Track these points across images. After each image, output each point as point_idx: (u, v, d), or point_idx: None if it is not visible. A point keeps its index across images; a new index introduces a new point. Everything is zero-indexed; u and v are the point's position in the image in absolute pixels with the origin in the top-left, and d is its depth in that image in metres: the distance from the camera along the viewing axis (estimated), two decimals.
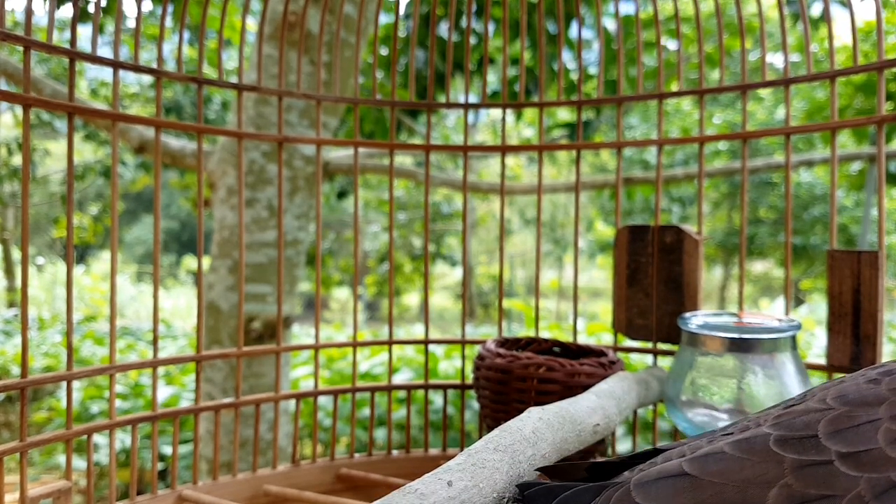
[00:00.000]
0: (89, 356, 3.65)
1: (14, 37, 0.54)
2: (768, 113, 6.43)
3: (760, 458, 0.31)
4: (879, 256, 0.60)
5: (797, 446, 0.31)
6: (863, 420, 0.30)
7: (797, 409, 0.33)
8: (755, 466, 0.30)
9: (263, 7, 0.76)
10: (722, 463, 0.31)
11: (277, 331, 0.72)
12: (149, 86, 4.54)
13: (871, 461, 0.28)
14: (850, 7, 0.66)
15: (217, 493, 0.66)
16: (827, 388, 0.34)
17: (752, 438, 0.32)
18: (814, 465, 0.29)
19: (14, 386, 0.54)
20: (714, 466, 0.31)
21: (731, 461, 0.31)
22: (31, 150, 0.56)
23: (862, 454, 0.29)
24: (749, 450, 0.31)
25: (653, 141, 0.75)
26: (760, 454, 0.31)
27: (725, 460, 0.31)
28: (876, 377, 0.33)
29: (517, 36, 2.31)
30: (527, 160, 7.25)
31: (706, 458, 0.32)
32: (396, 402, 2.39)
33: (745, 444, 0.32)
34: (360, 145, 0.76)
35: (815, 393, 0.35)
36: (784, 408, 0.35)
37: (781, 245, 6.72)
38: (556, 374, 0.62)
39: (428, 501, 0.32)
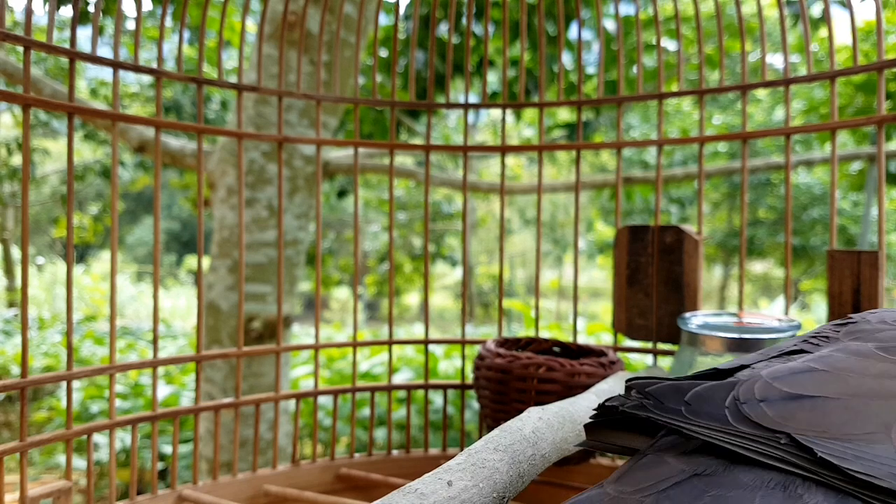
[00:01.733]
0: (89, 356, 3.65)
1: (14, 37, 0.54)
2: (766, 114, 6.43)
3: (876, 360, 0.32)
4: (879, 256, 0.60)
5: None
6: None
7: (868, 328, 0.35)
8: (876, 364, 0.32)
9: (263, 7, 0.76)
10: (846, 363, 0.32)
11: (277, 330, 0.72)
12: (148, 85, 4.54)
13: None
14: (849, 7, 0.66)
15: (217, 493, 0.66)
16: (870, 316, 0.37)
17: (852, 347, 0.33)
18: None
19: (14, 386, 0.54)
20: (841, 364, 0.32)
21: (854, 360, 0.32)
22: (30, 150, 0.56)
23: None
24: (860, 353, 0.33)
25: (653, 141, 0.75)
26: (873, 357, 0.32)
27: (849, 360, 0.32)
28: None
29: (517, 37, 2.31)
30: (527, 160, 7.25)
31: (828, 359, 0.33)
32: (396, 401, 2.39)
33: (853, 350, 0.33)
34: (360, 145, 0.76)
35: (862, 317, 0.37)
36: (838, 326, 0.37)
37: (781, 245, 6.72)
38: (556, 373, 0.62)
39: (428, 501, 0.32)
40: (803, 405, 0.30)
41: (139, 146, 2.16)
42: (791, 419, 0.30)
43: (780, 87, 0.69)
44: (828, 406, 0.30)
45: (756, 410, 0.31)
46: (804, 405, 0.30)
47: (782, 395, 0.31)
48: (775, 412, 0.30)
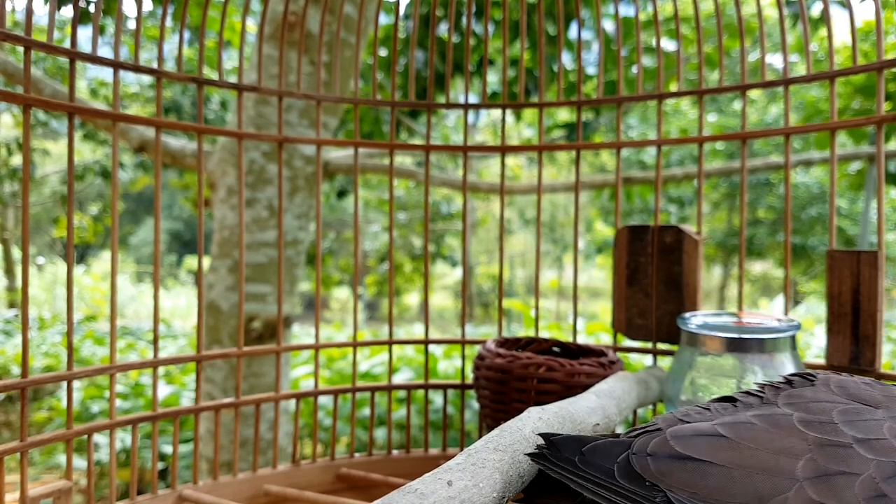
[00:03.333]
0: (89, 356, 3.65)
1: (14, 37, 0.54)
2: (760, 113, 6.42)
3: (787, 433, 0.34)
4: (879, 256, 0.60)
5: (819, 428, 0.34)
6: (868, 417, 0.35)
7: (807, 394, 0.37)
8: (784, 439, 0.34)
9: (263, 7, 0.76)
10: (753, 431, 0.34)
11: (277, 330, 0.72)
12: (149, 86, 4.54)
13: (882, 448, 0.33)
14: (849, 7, 0.66)
15: (217, 493, 0.66)
16: (827, 378, 0.38)
17: (775, 415, 0.35)
18: (834, 445, 0.33)
19: (14, 386, 0.54)
20: (747, 433, 0.34)
21: (763, 431, 0.34)
22: (30, 150, 0.56)
23: (873, 441, 0.33)
24: (776, 424, 0.35)
25: (652, 141, 0.75)
26: (787, 430, 0.34)
27: (756, 430, 0.34)
28: (870, 381, 0.38)
29: (517, 37, 2.31)
30: (526, 160, 7.25)
31: (737, 426, 0.35)
32: (396, 401, 2.39)
33: (771, 419, 0.35)
34: (360, 145, 0.76)
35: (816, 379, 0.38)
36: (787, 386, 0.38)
37: (780, 245, 6.72)
38: (556, 373, 0.62)
39: (428, 501, 0.32)
40: (686, 466, 0.33)
41: (139, 146, 2.16)
42: (669, 476, 0.33)
43: (779, 87, 0.69)
44: (709, 471, 0.32)
45: (642, 462, 0.33)
46: (686, 466, 0.33)
47: (671, 453, 0.33)
48: (657, 467, 0.33)
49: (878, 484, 0.31)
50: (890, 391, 0.37)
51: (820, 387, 0.37)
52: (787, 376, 0.40)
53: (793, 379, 0.39)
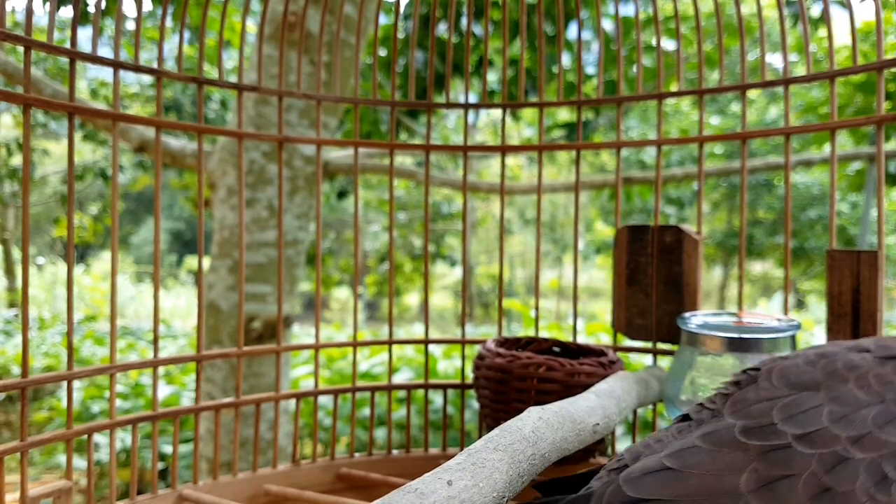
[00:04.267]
0: (89, 356, 3.65)
1: (15, 37, 0.54)
2: (760, 114, 6.42)
3: (730, 447, 0.35)
4: (879, 256, 0.60)
5: (759, 434, 0.35)
6: (808, 406, 0.35)
7: (750, 396, 0.37)
8: (726, 456, 0.34)
9: (263, 7, 0.76)
10: (697, 456, 0.35)
11: (278, 330, 0.72)
12: (149, 85, 4.54)
13: (821, 439, 0.33)
14: (849, 7, 0.66)
15: (217, 493, 0.66)
16: (771, 368, 0.39)
17: (718, 431, 0.36)
18: (774, 449, 0.33)
19: (15, 386, 0.54)
20: (691, 459, 0.35)
21: (705, 453, 0.35)
22: (30, 150, 0.56)
23: (813, 434, 0.33)
24: (718, 441, 0.35)
25: (652, 141, 0.75)
26: (729, 444, 0.35)
27: (700, 453, 0.35)
28: (813, 358, 0.38)
29: (516, 37, 2.31)
30: (526, 160, 7.25)
31: (682, 453, 0.36)
32: (396, 401, 2.39)
33: (714, 437, 0.36)
34: (361, 145, 0.76)
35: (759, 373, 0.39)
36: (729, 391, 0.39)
37: (779, 246, 6.72)
38: (556, 373, 0.62)
39: (428, 500, 0.32)
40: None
41: (139, 146, 2.16)
42: None
43: (779, 87, 0.69)
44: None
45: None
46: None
47: (624, 499, 0.35)
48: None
49: (820, 479, 0.31)
50: (832, 364, 0.37)
51: (762, 382, 0.38)
52: (736, 376, 0.40)
53: (740, 379, 0.40)
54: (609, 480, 0.37)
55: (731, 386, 0.40)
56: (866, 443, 0.32)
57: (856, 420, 0.33)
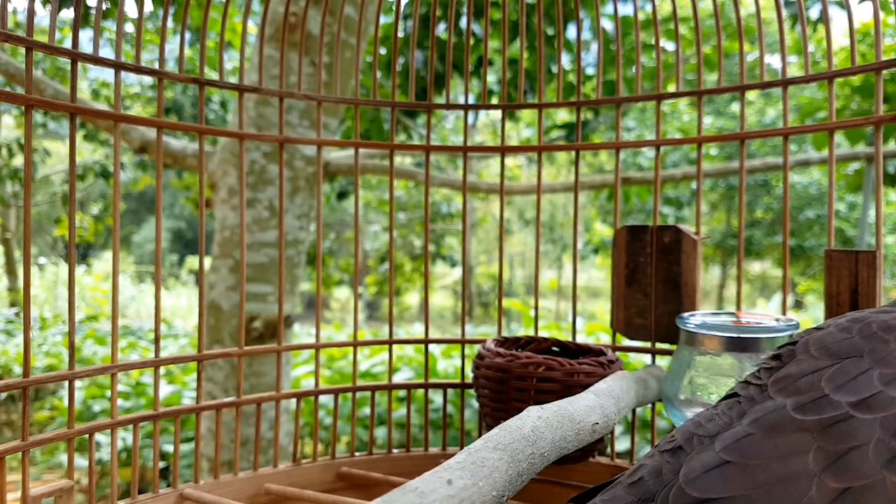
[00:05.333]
0: (91, 356, 3.66)
1: (16, 38, 0.54)
2: (758, 115, 6.43)
3: (787, 429, 0.33)
4: (877, 256, 0.61)
5: (813, 409, 0.33)
6: (856, 372, 0.34)
7: (793, 372, 0.36)
8: (786, 439, 0.33)
9: (264, 8, 0.77)
10: (756, 444, 0.34)
11: (278, 330, 0.73)
12: (150, 86, 4.55)
13: (878, 403, 0.32)
14: (847, 8, 0.66)
15: (218, 492, 0.66)
16: (807, 341, 0.38)
17: (768, 414, 0.34)
18: (834, 422, 0.32)
19: (16, 385, 0.54)
20: (750, 449, 0.33)
21: (763, 440, 0.34)
22: (32, 150, 0.56)
23: (869, 399, 0.32)
24: (772, 425, 0.34)
25: (651, 142, 0.75)
26: (785, 426, 0.33)
27: (758, 441, 0.34)
28: (846, 324, 0.37)
29: (516, 37, 2.31)
30: (526, 161, 7.25)
31: (739, 444, 0.34)
32: (396, 401, 2.40)
33: (767, 421, 0.34)
34: (361, 146, 0.77)
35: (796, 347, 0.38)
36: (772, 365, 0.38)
37: (777, 246, 6.72)
38: (555, 373, 0.62)
39: (428, 499, 0.33)
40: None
41: (141, 147, 2.17)
42: None
43: (777, 87, 0.70)
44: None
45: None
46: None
47: (691, 500, 0.33)
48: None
49: (889, 444, 0.31)
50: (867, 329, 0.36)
51: (802, 356, 0.37)
52: (775, 352, 0.40)
53: (781, 353, 0.39)
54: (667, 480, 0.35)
55: (772, 360, 0.39)
56: None
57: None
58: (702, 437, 0.37)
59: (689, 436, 0.37)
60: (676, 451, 0.36)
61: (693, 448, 0.36)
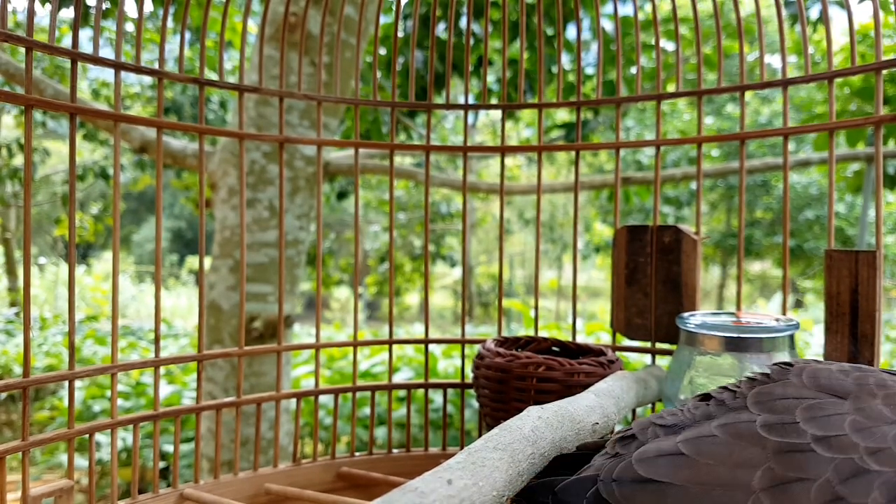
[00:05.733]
0: (91, 356, 3.65)
1: (16, 38, 0.54)
2: (753, 115, 6.43)
3: (748, 442, 0.34)
4: (877, 256, 0.61)
5: (779, 431, 0.34)
6: (833, 411, 0.35)
7: (776, 391, 0.37)
8: (744, 450, 0.34)
9: (264, 8, 0.77)
10: (714, 446, 0.35)
11: (278, 330, 0.73)
12: (149, 86, 4.55)
13: (840, 446, 0.33)
14: (847, 8, 0.66)
15: (218, 492, 0.66)
16: (803, 368, 0.38)
17: (737, 424, 0.36)
18: (793, 449, 0.33)
19: (16, 385, 0.54)
20: (707, 448, 0.35)
21: (722, 445, 0.35)
22: (31, 150, 0.56)
23: (832, 439, 0.33)
24: (737, 434, 0.35)
25: (651, 142, 0.75)
26: (748, 438, 0.35)
27: (717, 444, 0.35)
28: (848, 369, 0.38)
29: (516, 37, 2.31)
30: (525, 161, 7.25)
31: (700, 441, 0.36)
32: (397, 401, 2.40)
33: (734, 430, 0.35)
34: (361, 146, 0.77)
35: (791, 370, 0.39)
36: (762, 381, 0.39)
37: (777, 246, 6.72)
38: (556, 373, 0.62)
39: (428, 500, 0.33)
40: (647, 488, 0.34)
41: (141, 147, 2.17)
42: (632, 500, 0.35)
43: (777, 87, 0.70)
44: (668, 491, 0.34)
45: (608, 489, 0.35)
46: (648, 488, 0.34)
47: (634, 477, 0.35)
48: (621, 492, 0.35)
49: (834, 487, 0.31)
50: (864, 378, 0.37)
51: (792, 379, 0.38)
52: (767, 368, 0.40)
53: (772, 370, 0.40)
54: (620, 454, 0.37)
55: (760, 374, 0.39)
56: (884, 457, 0.32)
57: (877, 434, 0.33)
58: (657, 427, 0.38)
59: (646, 425, 0.39)
60: (628, 440, 0.38)
61: (646, 437, 0.38)
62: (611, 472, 0.36)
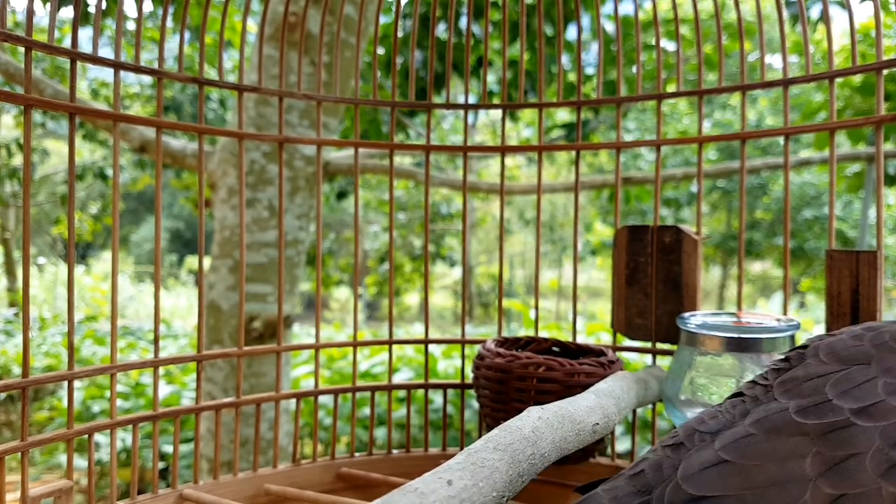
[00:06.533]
0: (90, 356, 3.65)
1: (16, 37, 0.54)
2: (762, 118, 6.45)
3: (787, 432, 0.34)
4: (878, 256, 0.61)
5: (815, 413, 0.33)
6: (861, 379, 0.34)
7: (800, 374, 0.36)
8: (786, 441, 0.33)
9: (264, 8, 0.77)
10: (755, 445, 0.34)
11: (278, 330, 0.72)
12: (149, 86, 4.54)
13: (881, 412, 0.32)
14: (848, 8, 0.66)
15: (218, 493, 0.66)
16: (817, 346, 0.38)
17: (771, 416, 0.35)
18: (834, 428, 0.32)
19: (15, 385, 0.54)
20: (749, 449, 0.34)
21: (763, 441, 0.34)
22: (31, 150, 0.56)
23: (871, 408, 0.32)
24: (774, 427, 0.34)
25: (651, 141, 0.75)
26: (786, 428, 0.34)
27: (757, 442, 0.34)
28: (859, 332, 0.37)
29: (516, 38, 2.31)
30: (525, 161, 7.25)
31: (738, 443, 0.34)
32: (396, 401, 2.39)
33: (769, 423, 0.34)
34: (361, 146, 0.77)
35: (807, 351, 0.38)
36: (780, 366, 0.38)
37: (776, 247, 6.73)
38: (556, 373, 0.62)
39: (428, 500, 0.33)
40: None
41: (140, 146, 2.17)
42: None
43: (778, 87, 0.70)
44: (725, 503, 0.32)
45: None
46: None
47: (686, 498, 0.33)
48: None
49: (888, 454, 0.31)
50: (879, 337, 0.36)
51: (811, 360, 0.37)
52: (786, 354, 0.40)
53: (791, 355, 0.39)
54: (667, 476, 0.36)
55: (781, 362, 0.39)
56: None
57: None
58: (703, 434, 0.37)
59: (691, 432, 0.37)
60: (677, 447, 0.37)
61: (694, 444, 0.36)
62: (662, 497, 0.34)
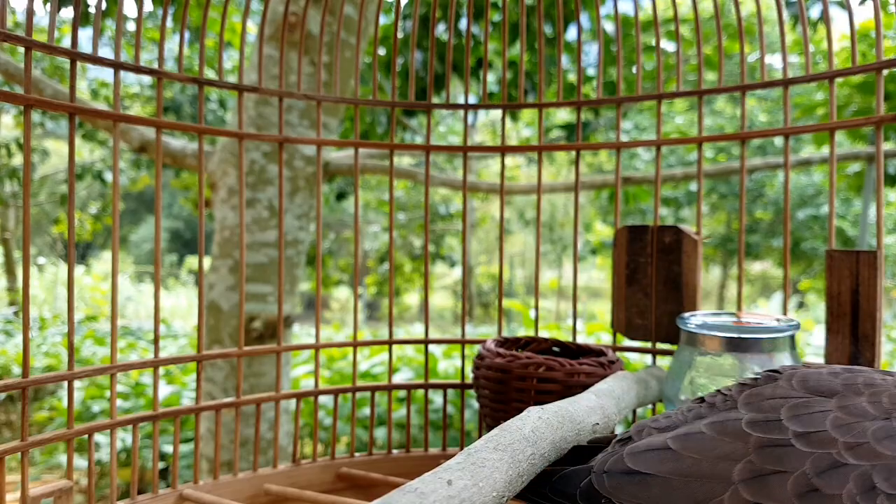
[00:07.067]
0: (90, 356, 3.65)
1: (15, 37, 0.54)
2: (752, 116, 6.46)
3: (731, 438, 0.36)
4: (878, 256, 0.61)
5: (763, 427, 0.36)
6: (816, 409, 0.36)
7: (766, 392, 0.39)
8: (726, 445, 0.36)
9: (264, 8, 0.77)
10: (700, 441, 0.37)
11: (278, 330, 0.72)
12: (149, 86, 4.54)
13: (819, 441, 0.34)
14: (848, 8, 0.66)
15: (218, 493, 0.66)
16: (793, 373, 0.40)
17: (725, 421, 0.38)
18: (773, 444, 0.35)
19: (15, 385, 0.54)
20: (693, 443, 0.37)
21: (708, 440, 0.37)
22: (31, 150, 0.56)
23: (812, 435, 0.34)
24: (723, 431, 0.37)
25: (651, 141, 0.75)
26: (732, 435, 0.36)
27: (703, 440, 0.37)
28: (838, 371, 0.39)
29: (516, 38, 2.31)
30: (525, 161, 7.25)
31: (687, 437, 0.38)
32: (396, 401, 2.39)
33: (720, 427, 0.37)
34: (361, 146, 0.77)
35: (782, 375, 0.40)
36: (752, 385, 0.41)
37: (776, 248, 6.73)
38: (556, 373, 0.62)
39: (428, 500, 0.33)
40: (633, 479, 0.37)
41: (140, 147, 2.16)
42: (620, 490, 0.37)
43: (778, 87, 0.70)
44: (652, 482, 0.36)
45: (599, 481, 0.38)
46: (634, 479, 0.37)
47: (623, 469, 0.38)
48: (610, 483, 0.38)
49: (810, 479, 0.32)
50: (852, 378, 0.38)
51: (782, 383, 0.39)
52: (757, 374, 0.42)
53: (762, 376, 0.41)
54: (614, 451, 0.39)
55: (751, 380, 0.41)
56: (861, 452, 0.33)
57: (857, 429, 0.34)
58: (651, 430, 0.40)
59: (642, 427, 0.41)
60: (626, 441, 0.40)
61: (641, 438, 0.40)
62: (603, 465, 0.38)
